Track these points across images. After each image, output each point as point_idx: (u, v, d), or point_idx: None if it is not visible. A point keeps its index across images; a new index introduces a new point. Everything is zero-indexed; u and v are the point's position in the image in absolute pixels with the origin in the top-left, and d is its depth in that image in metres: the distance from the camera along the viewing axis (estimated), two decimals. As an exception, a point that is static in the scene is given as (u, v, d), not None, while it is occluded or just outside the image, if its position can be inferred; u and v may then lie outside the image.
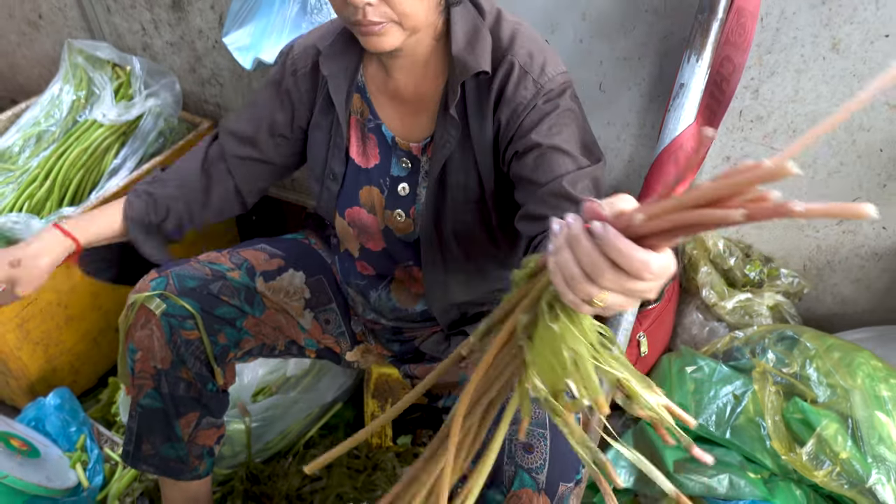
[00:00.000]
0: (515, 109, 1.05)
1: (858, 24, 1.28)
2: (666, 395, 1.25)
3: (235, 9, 1.69)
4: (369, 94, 1.18)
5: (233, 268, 1.30)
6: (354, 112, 1.19)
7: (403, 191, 1.18)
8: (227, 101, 2.09)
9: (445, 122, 1.10)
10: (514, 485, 1.06)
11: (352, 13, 0.98)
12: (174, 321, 1.21)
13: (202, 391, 1.27)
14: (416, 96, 1.14)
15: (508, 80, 1.05)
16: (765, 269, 1.58)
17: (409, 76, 1.13)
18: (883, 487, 1.16)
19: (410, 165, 1.17)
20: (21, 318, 1.71)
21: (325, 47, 1.16)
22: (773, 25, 1.33)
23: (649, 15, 1.41)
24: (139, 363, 1.23)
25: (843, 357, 1.31)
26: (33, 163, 1.94)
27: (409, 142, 1.17)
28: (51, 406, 1.62)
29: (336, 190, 1.22)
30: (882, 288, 1.56)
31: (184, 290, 1.23)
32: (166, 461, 1.30)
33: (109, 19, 2.10)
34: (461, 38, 1.06)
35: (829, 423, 1.21)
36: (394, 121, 1.17)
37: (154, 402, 1.25)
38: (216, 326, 1.25)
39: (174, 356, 1.22)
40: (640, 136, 1.56)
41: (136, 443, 1.29)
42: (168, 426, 1.27)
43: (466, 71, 1.05)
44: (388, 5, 0.97)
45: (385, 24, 0.98)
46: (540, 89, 1.05)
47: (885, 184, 1.43)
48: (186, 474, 1.32)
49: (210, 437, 1.33)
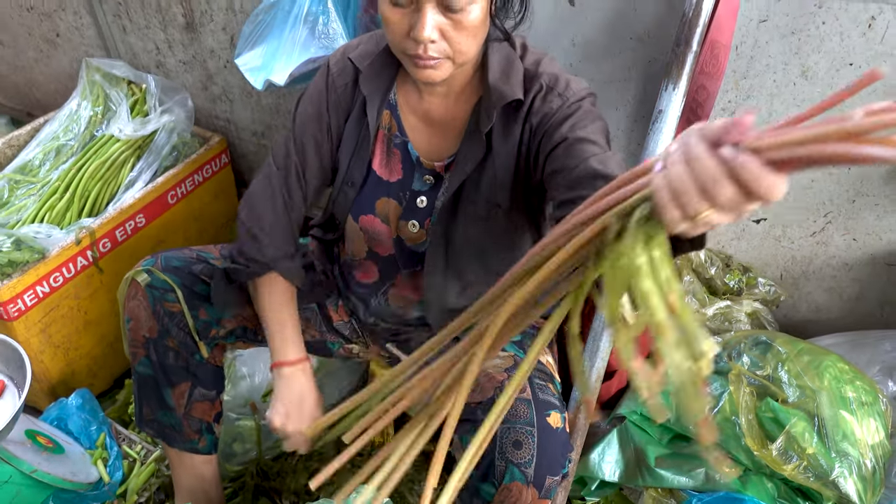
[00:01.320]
0: (542, 119, 1.16)
1: (825, 53, 1.38)
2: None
3: (247, 32, 1.80)
4: (400, 112, 1.28)
5: (219, 257, 1.44)
6: (382, 127, 1.29)
7: (421, 203, 1.29)
8: (237, 116, 2.19)
9: (472, 143, 1.21)
10: (504, 479, 1.16)
11: (411, 47, 1.07)
12: (157, 293, 1.36)
13: (189, 360, 1.40)
14: (446, 118, 1.25)
15: (536, 97, 1.17)
16: (743, 278, 1.68)
17: (441, 100, 1.24)
18: (845, 480, 1.26)
19: (433, 181, 1.28)
20: (44, 322, 1.81)
21: (364, 67, 1.25)
22: (748, 54, 1.44)
23: (634, 42, 1.52)
24: (131, 332, 1.38)
25: (812, 360, 1.41)
26: (53, 175, 2.04)
27: (433, 161, 1.27)
28: (73, 406, 1.72)
29: (353, 196, 1.33)
30: (853, 296, 1.66)
31: (168, 267, 1.38)
32: (162, 426, 1.44)
33: (125, 39, 2.21)
34: (497, 69, 1.17)
35: (797, 422, 1.31)
36: (420, 140, 1.27)
37: (146, 369, 1.39)
38: (196, 302, 1.38)
39: (160, 326, 1.36)
40: (627, 154, 1.67)
41: (139, 406, 1.45)
42: (159, 393, 1.41)
43: (502, 99, 1.16)
44: (448, 43, 1.06)
45: (440, 60, 1.08)
46: (565, 101, 1.15)
47: (853, 199, 1.53)
48: (183, 443, 1.45)
49: (206, 412, 1.45)
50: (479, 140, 1.20)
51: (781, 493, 1.33)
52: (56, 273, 1.79)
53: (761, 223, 1.64)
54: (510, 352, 1.35)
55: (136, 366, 1.40)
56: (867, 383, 1.41)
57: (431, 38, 1.05)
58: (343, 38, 1.68)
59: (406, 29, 1.06)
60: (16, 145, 2.18)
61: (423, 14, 1.03)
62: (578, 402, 1.35)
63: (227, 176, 2.25)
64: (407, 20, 1.06)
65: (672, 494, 1.37)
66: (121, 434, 1.79)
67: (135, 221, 1.96)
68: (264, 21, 1.76)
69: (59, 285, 1.81)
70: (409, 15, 1.05)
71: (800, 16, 1.36)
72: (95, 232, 1.85)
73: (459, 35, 1.06)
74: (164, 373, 1.39)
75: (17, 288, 1.71)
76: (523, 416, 1.18)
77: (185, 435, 1.44)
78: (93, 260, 1.88)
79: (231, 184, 2.27)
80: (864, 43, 1.34)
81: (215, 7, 1.96)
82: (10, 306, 1.71)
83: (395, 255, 1.36)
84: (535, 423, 1.17)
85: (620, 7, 1.48)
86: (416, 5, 1.04)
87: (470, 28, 1.06)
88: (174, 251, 1.43)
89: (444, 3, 1.03)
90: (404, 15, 1.06)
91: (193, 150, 2.13)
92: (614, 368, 1.51)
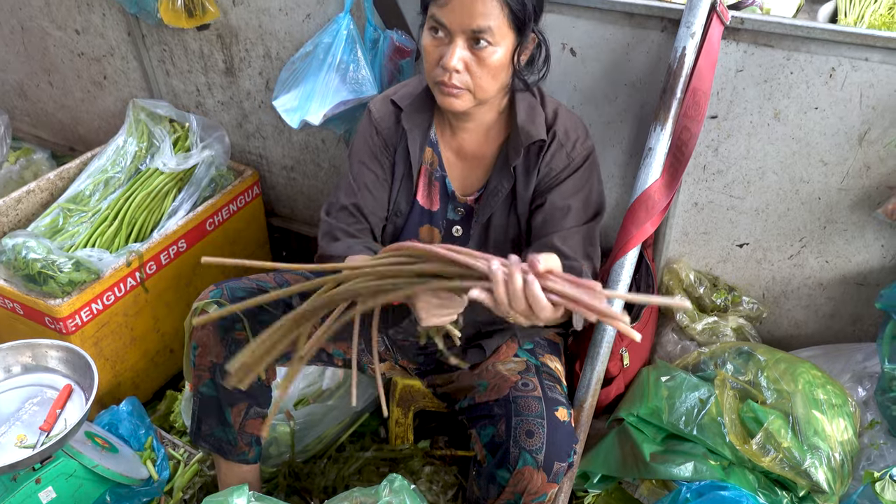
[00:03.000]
0: (548, 173, 1.42)
1: (794, 98, 1.59)
2: (645, 402, 1.58)
3: (284, 77, 2.02)
4: (440, 150, 1.50)
5: (275, 286, 1.62)
6: (425, 163, 1.51)
7: (457, 232, 1.50)
8: (269, 152, 2.41)
9: (501, 177, 1.44)
10: (518, 464, 1.34)
11: (440, 73, 1.31)
12: (226, 323, 1.53)
13: (251, 383, 1.56)
14: (476, 154, 1.47)
15: (549, 150, 1.41)
16: (729, 296, 1.87)
17: (472, 137, 1.46)
18: (816, 470, 1.44)
19: (464, 213, 1.50)
20: (96, 337, 2.00)
21: (406, 105, 1.47)
22: (728, 98, 1.65)
23: (628, 88, 1.73)
24: (199, 357, 1.55)
25: (788, 367, 1.60)
26: (103, 204, 2.24)
27: (465, 196, 1.50)
28: (124, 412, 1.90)
29: (401, 225, 1.53)
30: (828, 313, 1.85)
31: (234, 298, 1.55)
32: (219, 441, 1.62)
33: (168, 81, 2.44)
34: (523, 113, 1.41)
35: (774, 420, 1.49)
36: (455, 175, 1.50)
37: (210, 390, 1.56)
38: (259, 328, 1.55)
39: (226, 352, 1.53)
40: (623, 186, 1.87)
41: (197, 423, 1.62)
42: (220, 412, 1.59)
43: (529, 138, 1.40)
44: (470, 76, 1.30)
45: (462, 91, 1.32)
46: (571, 162, 1.42)
47: (825, 226, 1.73)
48: (236, 455, 1.63)
49: (257, 427, 1.63)
50: (507, 174, 1.42)
51: (762, 484, 1.50)
52: (108, 292, 1.99)
53: (744, 247, 1.84)
54: (523, 357, 1.53)
55: (200, 387, 1.57)
56: (837, 388, 1.59)
57: (457, 68, 1.29)
58: (370, 83, 1.90)
59: (438, 58, 1.31)
60: (66, 177, 2.39)
61: (453, 46, 1.28)
62: (581, 402, 1.53)
63: (258, 206, 2.45)
64: (440, 51, 1.31)
65: (665, 485, 1.54)
66: (164, 438, 1.97)
67: (177, 246, 2.16)
68: (300, 68, 1.98)
69: (110, 303, 2.00)
70: (442, 46, 1.30)
71: (771, 66, 1.57)
72: (143, 255, 2.05)
73: (481, 71, 1.30)
74: (226, 394, 1.56)
75: (75, 305, 1.90)
76: (535, 410, 1.37)
77: (239, 448, 1.63)
78: (140, 281, 2.07)
79: (261, 213, 2.47)
80: (827, 90, 1.55)
81: (253, 55, 2.18)
82: (69, 321, 1.90)
83: None
84: (545, 415, 1.36)
85: (616, 58, 1.70)
86: (449, 38, 1.29)
87: (490, 67, 1.30)
88: (234, 281, 1.60)
89: (472, 39, 1.27)
90: (439, 45, 1.31)
91: (229, 182, 2.33)
92: (613, 375, 1.69)
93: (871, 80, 1.50)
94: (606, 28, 1.67)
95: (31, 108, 2.94)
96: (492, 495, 1.41)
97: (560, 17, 1.70)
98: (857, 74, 1.51)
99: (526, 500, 1.37)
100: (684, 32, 1.48)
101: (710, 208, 1.81)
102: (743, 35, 1.55)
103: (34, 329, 1.94)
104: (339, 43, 1.90)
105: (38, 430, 1.55)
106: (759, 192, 1.74)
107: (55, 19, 2.52)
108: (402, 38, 1.87)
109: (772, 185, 1.72)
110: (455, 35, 1.28)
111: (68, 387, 1.65)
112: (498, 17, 1.26)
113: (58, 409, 1.59)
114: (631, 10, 1.61)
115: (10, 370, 1.64)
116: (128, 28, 2.37)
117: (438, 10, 1.28)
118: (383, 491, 1.26)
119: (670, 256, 1.92)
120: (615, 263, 1.57)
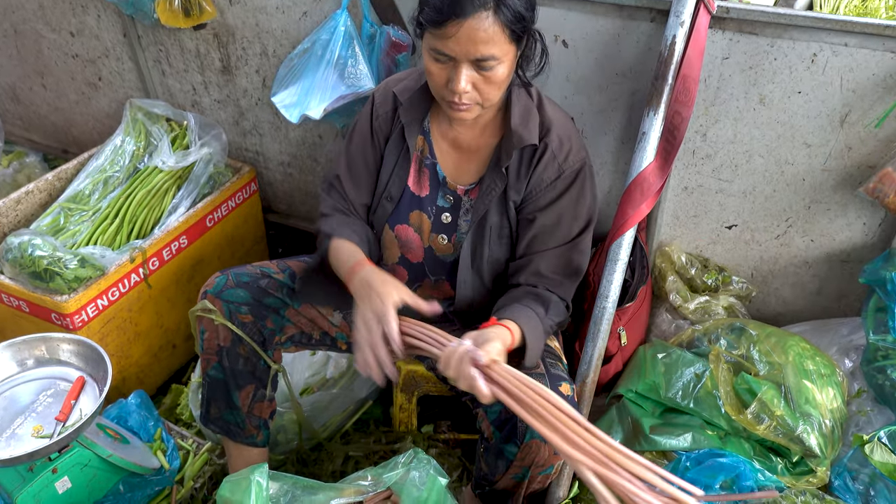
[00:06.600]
0: (538, 183, 1.46)
1: (778, 83, 1.66)
2: (643, 378, 1.65)
3: (282, 74, 2.07)
4: (432, 138, 1.54)
5: (278, 271, 1.68)
6: (416, 150, 1.56)
7: (446, 219, 1.55)
8: (266, 149, 2.45)
9: (495, 176, 1.48)
10: (525, 437, 1.40)
11: (448, 95, 1.34)
12: (232, 307, 1.58)
13: (256, 366, 1.63)
14: (471, 147, 1.52)
15: (541, 159, 1.45)
16: (720, 276, 1.94)
17: (468, 131, 1.51)
18: (808, 435, 1.51)
19: (453, 201, 1.54)
20: (101, 333, 2.03)
21: (405, 100, 1.51)
22: (715, 85, 1.72)
23: (619, 77, 1.79)
24: (206, 341, 1.61)
25: (779, 341, 1.67)
26: (103, 203, 2.27)
27: (456, 183, 1.54)
28: (132, 405, 1.93)
29: (390, 209, 1.58)
30: (814, 290, 1.92)
31: (239, 283, 1.61)
32: (228, 424, 1.67)
33: (164, 81, 2.47)
34: (517, 115, 1.44)
35: (767, 390, 1.56)
36: (448, 163, 1.53)
37: (218, 373, 1.62)
38: (264, 313, 1.62)
39: (233, 335, 1.58)
40: (615, 172, 1.94)
41: (206, 406, 1.67)
42: (228, 395, 1.64)
43: (521, 142, 1.43)
44: (478, 93, 1.33)
45: (471, 105, 1.35)
46: (562, 174, 1.45)
47: (809, 206, 1.80)
48: (244, 438, 1.68)
49: (264, 410, 1.69)
50: (500, 175, 1.47)
51: (757, 451, 1.57)
52: (113, 288, 2.02)
53: (733, 229, 1.91)
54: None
55: (209, 370, 1.63)
56: (826, 359, 1.67)
57: (466, 90, 1.32)
58: (368, 78, 1.95)
59: (445, 80, 1.34)
60: (64, 178, 2.41)
61: (459, 71, 1.31)
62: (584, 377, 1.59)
63: (255, 202, 2.49)
64: (446, 73, 1.33)
65: (665, 456, 1.60)
66: (172, 430, 2.00)
67: (178, 242, 2.20)
68: (298, 65, 2.03)
69: (115, 299, 2.03)
70: (448, 69, 1.33)
71: (755, 53, 1.64)
72: (146, 251, 2.08)
73: (488, 87, 1.34)
74: (233, 377, 1.61)
75: (81, 301, 1.93)
76: (541, 386, 1.42)
77: (247, 431, 1.67)
78: (143, 277, 2.11)
79: (258, 209, 2.51)
80: (809, 75, 1.63)
81: (250, 53, 2.22)
82: (75, 317, 1.93)
83: (424, 262, 1.61)
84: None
85: (607, 48, 1.76)
86: (454, 63, 1.31)
87: (497, 82, 1.34)
88: (239, 268, 1.66)
89: (477, 63, 1.30)
90: (444, 69, 1.33)
91: (227, 179, 2.36)
92: (611, 353, 1.76)
93: (850, 64, 1.58)
94: (597, 20, 1.73)
95: (24, 112, 2.95)
96: (500, 470, 1.46)
97: (552, 10, 1.76)
98: (837, 59, 1.58)
99: (533, 472, 1.43)
100: (674, 21, 1.55)
101: (699, 192, 1.88)
102: (728, 24, 1.62)
103: (39, 326, 1.96)
104: (337, 39, 1.94)
105: (55, 421, 1.58)
106: (746, 174, 1.81)
107: (49, 22, 2.54)
108: (399, 34, 1.92)
109: (758, 168, 1.79)
110: (460, 62, 1.29)
111: (81, 378, 1.68)
112: (500, 40, 1.27)
113: (72, 399, 1.62)
114: (621, 1, 1.67)
115: (24, 363, 1.67)
116: (123, 29, 2.40)
117: (440, 43, 1.28)
118: (409, 462, 1.30)
119: (662, 239, 1.99)
120: (613, 244, 1.64)
